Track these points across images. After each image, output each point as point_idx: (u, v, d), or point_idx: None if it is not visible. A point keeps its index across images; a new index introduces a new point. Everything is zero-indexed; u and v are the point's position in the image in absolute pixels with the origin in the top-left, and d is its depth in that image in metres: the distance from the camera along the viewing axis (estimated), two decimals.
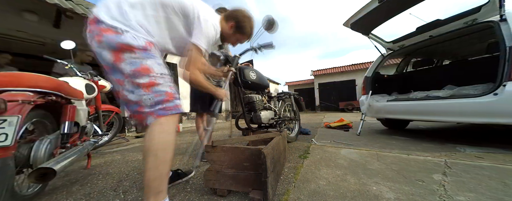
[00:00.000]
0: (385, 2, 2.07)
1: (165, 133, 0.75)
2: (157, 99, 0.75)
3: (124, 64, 0.73)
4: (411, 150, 1.74)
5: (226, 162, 1.02)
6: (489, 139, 2.09)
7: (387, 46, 2.83)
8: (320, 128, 3.48)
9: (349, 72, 12.32)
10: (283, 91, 2.58)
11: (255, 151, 0.97)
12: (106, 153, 2.18)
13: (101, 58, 0.75)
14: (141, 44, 0.74)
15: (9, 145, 0.74)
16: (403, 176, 1.17)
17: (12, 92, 0.90)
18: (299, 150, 1.89)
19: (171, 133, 0.77)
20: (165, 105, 0.76)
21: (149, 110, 0.75)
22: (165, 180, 0.75)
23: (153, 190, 0.71)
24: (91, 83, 1.74)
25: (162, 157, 0.73)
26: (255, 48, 1.52)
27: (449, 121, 2.10)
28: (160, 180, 0.73)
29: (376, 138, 2.34)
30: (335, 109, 11.97)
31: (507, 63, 1.49)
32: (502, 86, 1.48)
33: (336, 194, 0.98)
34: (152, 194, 0.71)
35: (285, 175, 1.27)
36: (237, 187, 1.00)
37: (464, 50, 2.93)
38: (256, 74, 1.81)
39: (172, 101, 0.78)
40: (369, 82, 2.78)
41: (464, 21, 2.03)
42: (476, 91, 1.80)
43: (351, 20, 2.46)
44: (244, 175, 0.99)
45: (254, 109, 1.73)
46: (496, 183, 1.03)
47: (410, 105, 2.12)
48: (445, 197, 0.91)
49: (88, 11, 3.01)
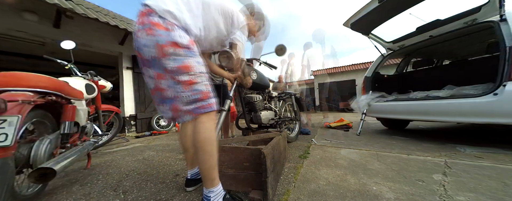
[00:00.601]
0: (385, 2, 2.07)
1: (208, 131, 0.82)
2: (194, 98, 0.80)
3: (168, 60, 0.77)
4: (411, 150, 1.74)
5: (226, 162, 1.02)
6: (489, 139, 2.09)
7: (387, 46, 2.83)
8: (320, 128, 3.47)
9: (349, 72, 12.31)
10: (284, 91, 2.57)
11: (255, 151, 0.97)
12: (106, 153, 2.17)
13: (144, 50, 0.79)
14: (185, 42, 0.78)
15: (9, 145, 0.74)
16: (403, 176, 1.17)
17: (12, 92, 0.90)
18: (299, 150, 1.89)
19: (213, 130, 0.85)
20: (201, 104, 0.82)
21: (186, 108, 0.82)
22: (215, 169, 0.83)
23: (208, 178, 0.82)
24: (91, 83, 1.74)
25: (209, 152, 0.81)
26: (261, 62, 1.65)
27: (449, 121, 2.10)
28: (211, 169, 0.82)
29: (376, 138, 2.34)
30: (335, 109, 11.97)
31: (507, 63, 1.49)
32: (502, 86, 1.48)
33: (336, 194, 0.98)
34: (208, 181, 0.82)
35: (285, 175, 1.27)
36: (237, 187, 1.00)
37: (464, 50, 2.93)
38: (257, 74, 1.81)
39: (206, 100, 0.83)
40: (369, 82, 2.78)
41: (464, 21, 2.03)
42: (476, 91, 1.80)
43: (351, 20, 2.46)
44: (244, 175, 0.99)
45: (254, 109, 1.73)
46: (496, 183, 1.03)
47: (410, 105, 2.12)
48: (445, 197, 0.91)
49: (88, 11, 3.01)
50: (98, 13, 3.32)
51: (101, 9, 4.46)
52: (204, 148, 0.81)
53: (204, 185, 0.83)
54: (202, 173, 0.83)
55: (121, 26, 3.40)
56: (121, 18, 4.72)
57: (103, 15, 3.44)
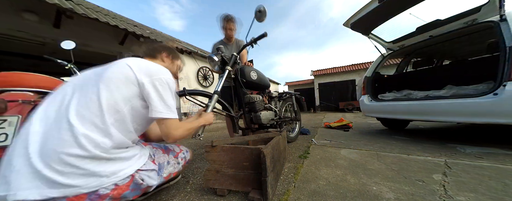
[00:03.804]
0: (385, 2, 2.07)
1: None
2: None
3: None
4: (411, 150, 1.74)
5: (226, 161, 1.02)
6: (489, 139, 2.09)
7: (387, 46, 2.83)
8: (320, 128, 3.47)
9: (349, 72, 12.32)
10: (284, 91, 2.57)
11: (255, 151, 0.97)
12: None
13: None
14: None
15: (9, 145, 0.75)
16: (403, 176, 1.17)
17: (12, 92, 0.90)
18: (299, 150, 1.89)
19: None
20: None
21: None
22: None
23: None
24: None
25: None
26: (251, 43, 1.51)
27: (449, 121, 2.10)
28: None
29: (376, 138, 2.34)
30: (335, 109, 11.98)
31: (507, 63, 1.49)
32: (502, 86, 1.48)
33: (336, 194, 0.98)
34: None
35: (285, 175, 1.27)
36: (237, 186, 1.00)
37: (464, 50, 2.93)
38: (257, 74, 1.81)
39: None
40: (369, 82, 2.78)
41: (464, 21, 2.03)
42: (476, 91, 1.80)
43: (351, 20, 2.46)
44: (244, 175, 0.99)
45: (254, 109, 1.73)
46: (496, 183, 1.03)
47: (410, 105, 2.12)
48: (445, 197, 0.92)
49: (88, 11, 3.02)
50: (98, 13, 3.33)
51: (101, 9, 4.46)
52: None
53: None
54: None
55: (121, 26, 3.41)
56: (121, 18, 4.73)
57: (103, 15, 3.45)
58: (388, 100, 2.43)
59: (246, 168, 0.99)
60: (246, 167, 0.99)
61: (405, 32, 2.52)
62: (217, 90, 1.35)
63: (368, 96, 2.67)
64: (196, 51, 6.31)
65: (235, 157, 1.01)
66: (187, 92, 1.41)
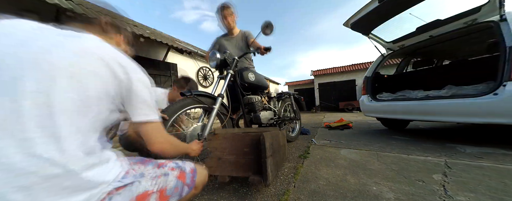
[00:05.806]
0: (385, 2, 2.07)
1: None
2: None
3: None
4: (411, 150, 1.73)
5: (227, 148, 1.05)
6: (489, 139, 2.09)
7: (387, 46, 2.83)
8: (320, 128, 3.47)
9: (349, 72, 12.31)
10: (282, 91, 2.59)
11: (255, 136, 0.99)
12: None
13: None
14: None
15: None
16: (403, 176, 1.17)
17: None
18: (299, 150, 1.89)
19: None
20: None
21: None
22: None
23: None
24: None
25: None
26: (254, 51, 1.59)
27: (449, 121, 2.10)
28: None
29: (376, 138, 2.34)
30: (335, 109, 11.97)
31: (507, 63, 1.49)
32: (502, 86, 1.48)
33: (336, 194, 0.98)
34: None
35: (285, 175, 1.27)
36: (238, 172, 1.01)
37: (464, 50, 2.93)
38: (255, 76, 1.83)
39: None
40: (369, 82, 2.77)
41: (464, 21, 2.02)
42: (476, 91, 1.80)
43: (351, 20, 2.46)
44: (245, 161, 1.01)
45: (254, 110, 1.75)
46: (496, 183, 1.03)
47: (410, 105, 2.12)
48: (445, 197, 0.91)
49: (88, 11, 3.01)
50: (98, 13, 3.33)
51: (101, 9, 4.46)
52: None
53: None
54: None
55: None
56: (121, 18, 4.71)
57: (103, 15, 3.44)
58: (388, 100, 2.43)
59: (246, 154, 1.01)
60: (247, 152, 1.01)
61: (405, 32, 2.52)
62: (222, 94, 1.36)
63: (368, 96, 2.67)
64: (196, 51, 6.31)
65: (236, 144, 1.03)
66: (194, 93, 1.40)
